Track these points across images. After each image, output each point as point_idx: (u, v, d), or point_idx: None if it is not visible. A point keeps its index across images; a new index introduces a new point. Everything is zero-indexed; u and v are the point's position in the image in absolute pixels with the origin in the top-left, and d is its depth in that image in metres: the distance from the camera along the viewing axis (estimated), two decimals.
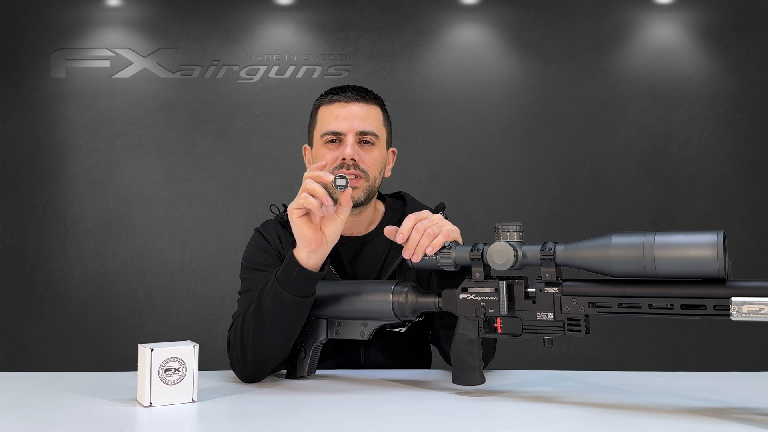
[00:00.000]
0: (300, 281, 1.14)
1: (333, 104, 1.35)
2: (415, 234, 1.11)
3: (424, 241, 1.10)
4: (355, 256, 1.39)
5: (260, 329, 1.17)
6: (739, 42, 3.09)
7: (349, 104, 1.34)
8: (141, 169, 3.09)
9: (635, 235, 0.93)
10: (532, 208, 3.08)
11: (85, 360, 3.00)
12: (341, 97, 1.35)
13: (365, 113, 1.34)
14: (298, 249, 1.15)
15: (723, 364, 2.97)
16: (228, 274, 3.01)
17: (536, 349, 2.86)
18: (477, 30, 3.16)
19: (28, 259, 3.07)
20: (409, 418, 0.96)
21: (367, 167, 1.33)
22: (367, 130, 1.33)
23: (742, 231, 3.03)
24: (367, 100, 1.36)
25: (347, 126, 1.32)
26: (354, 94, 1.35)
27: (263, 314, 1.16)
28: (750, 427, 0.88)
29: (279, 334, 1.17)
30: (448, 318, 1.19)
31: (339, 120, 1.33)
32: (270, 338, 1.17)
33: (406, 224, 1.12)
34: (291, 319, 1.16)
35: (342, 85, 1.38)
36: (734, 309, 0.85)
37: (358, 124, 1.32)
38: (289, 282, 1.14)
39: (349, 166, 1.31)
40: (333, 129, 1.33)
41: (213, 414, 1.01)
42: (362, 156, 1.32)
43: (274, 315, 1.15)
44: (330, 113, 1.34)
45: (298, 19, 3.16)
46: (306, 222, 1.13)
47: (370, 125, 1.34)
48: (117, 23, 3.14)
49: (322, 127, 1.35)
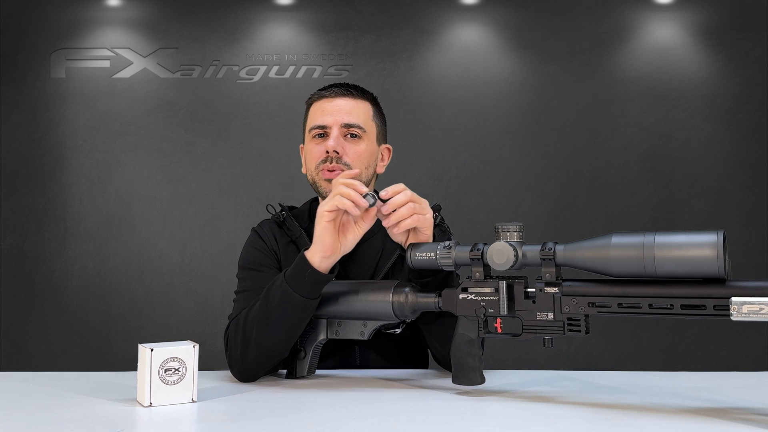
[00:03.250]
0: (310, 283, 1.14)
1: (321, 100, 1.37)
2: (406, 210, 1.13)
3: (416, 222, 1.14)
4: (349, 257, 1.39)
5: (265, 327, 1.17)
6: (739, 42, 3.09)
7: (335, 99, 1.35)
8: (141, 169, 3.09)
9: (635, 235, 0.93)
10: (532, 208, 3.07)
11: (85, 360, 3.00)
12: (328, 92, 1.36)
13: (351, 107, 1.35)
14: (312, 252, 1.15)
15: (723, 364, 2.97)
16: (228, 274, 2.99)
17: (536, 349, 2.86)
18: (477, 30, 3.16)
19: (28, 259, 3.07)
20: (409, 418, 0.96)
21: (351, 160, 1.33)
22: (352, 123, 1.34)
23: (742, 231, 3.03)
24: (354, 95, 1.37)
25: (332, 119, 1.33)
26: (340, 89, 1.36)
27: (269, 313, 1.16)
28: (750, 427, 0.88)
29: (283, 333, 1.17)
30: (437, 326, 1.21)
31: (325, 114, 1.34)
32: (274, 337, 1.17)
33: (399, 198, 1.13)
34: (296, 320, 1.16)
35: (333, 83, 1.40)
36: (734, 309, 0.85)
37: (342, 117, 1.33)
38: (298, 283, 1.14)
39: (332, 159, 1.31)
40: (318, 123, 1.34)
41: (213, 414, 1.01)
42: (346, 149, 1.33)
43: (280, 314, 1.16)
44: (317, 108, 1.36)
45: (298, 19, 3.16)
46: (333, 227, 1.14)
47: (356, 119, 1.34)
48: (117, 23, 3.14)
49: (309, 122, 1.37)
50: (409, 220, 1.13)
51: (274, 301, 1.16)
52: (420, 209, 1.14)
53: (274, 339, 1.17)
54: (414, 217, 1.14)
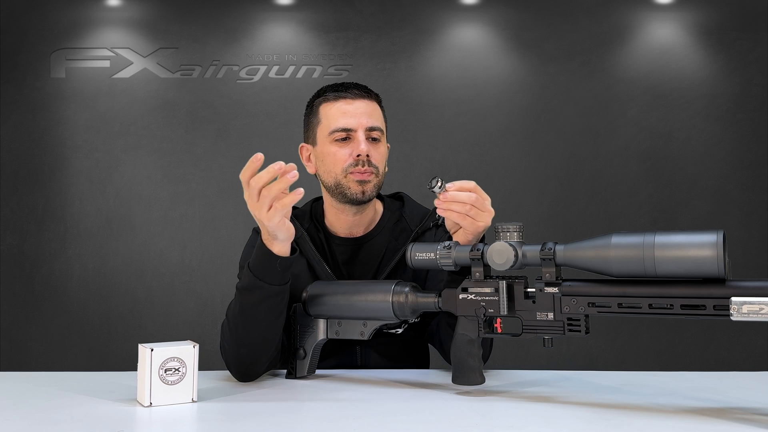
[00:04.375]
0: (282, 271, 1.16)
1: (339, 101, 1.35)
2: (460, 207, 1.11)
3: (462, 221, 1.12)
4: (351, 257, 1.39)
5: (251, 324, 1.18)
6: (739, 42, 3.09)
7: (355, 101, 1.34)
8: (141, 169, 3.09)
9: (635, 235, 0.93)
10: (532, 208, 3.07)
11: (85, 360, 3.00)
12: (348, 94, 1.35)
13: (371, 109, 1.35)
14: (273, 243, 1.14)
15: (723, 364, 2.97)
16: (228, 274, 3.00)
17: (536, 349, 2.86)
18: (477, 30, 3.16)
19: (28, 259, 3.07)
20: (409, 418, 0.96)
21: (377, 163, 1.34)
22: (375, 126, 1.34)
23: (742, 231, 3.03)
24: (370, 96, 1.37)
25: (357, 122, 1.32)
26: (359, 91, 1.36)
27: (251, 309, 1.17)
28: (750, 427, 0.88)
29: (270, 324, 1.18)
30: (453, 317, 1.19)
31: (348, 116, 1.33)
32: (261, 330, 1.18)
33: (461, 196, 1.11)
34: (278, 307, 1.18)
35: (342, 83, 1.39)
36: (734, 309, 0.85)
37: (366, 120, 1.33)
38: (272, 276, 1.15)
39: (364, 163, 1.31)
40: (343, 126, 1.33)
41: (213, 414, 1.01)
42: (372, 152, 1.33)
43: (262, 308, 1.17)
44: (337, 110, 1.34)
45: (298, 19, 3.16)
46: (281, 220, 1.11)
47: (376, 121, 1.35)
48: (117, 23, 3.14)
49: (329, 124, 1.34)
50: (456, 215, 1.12)
51: (252, 298, 1.16)
52: (475, 214, 1.12)
53: (262, 332, 1.18)
54: (461, 216, 1.12)
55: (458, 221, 1.13)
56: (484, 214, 1.14)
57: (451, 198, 1.12)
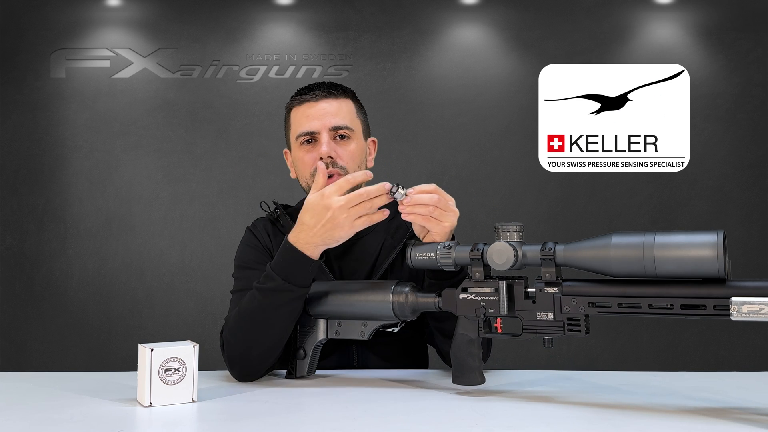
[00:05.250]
0: (312, 273, 1.16)
1: (303, 105, 1.35)
2: (423, 209, 1.12)
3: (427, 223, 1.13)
4: (344, 253, 1.38)
5: (269, 324, 1.17)
6: (739, 42, 3.09)
7: (318, 102, 1.34)
8: (141, 169, 3.09)
9: (635, 235, 0.93)
10: (532, 208, 3.07)
11: (85, 360, 3.00)
12: (309, 96, 1.34)
13: (336, 108, 1.34)
14: (317, 248, 1.14)
15: (723, 364, 2.97)
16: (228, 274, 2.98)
17: (536, 349, 2.86)
18: (477, 30, 3.16)
19: (28, 259, 3.06)
20: (409, 418, 0.96)
21: (345, 162, 1.32)
22: (340, 125, 1.33)
23: (742, 231, 3.03)
24: (336, 95, 1.35)
25: (320, 124, 1.32)
26: (322, 91, 1.35)
27: (276, 313, 1.16)
28: (750, 427, 0.88)
29: (286, 327, 1.18)
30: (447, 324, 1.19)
31: (311, 119, 1.33)
32: (278, 332, 1.18)
33: (422, 198, 1.12)
34: (299, 309, 1.18)
35: (310, 84, 1.38)
36: (734, 309, 0.85)
37: (330, 120, 1.32)
38: (303, 278, 1.15)
39: (328, 165, 1.30)
40: (306, 129, 1.33)
41: (213, 414, 1.01)
42: (339, 152, 1.32)
43: (287, 311, 1.16)
44: (301, 114, 1.34)
45: (298, 19, 3.16)
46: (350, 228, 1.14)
47: (343, 119, 1.34)
48: (117, 23, 3.14)
49: (295, 129, 1.35)
50: (420, 218, 1.13)
51: (278, 300, 1.15)
52: (440, 216, 1.13)
53: (279, 334, 1.18)
54: (426, 219, 1.13)
55: (423, 224, 1.14)
56: (449, 215, 1.14)
57: (414, 201, 1.12)
